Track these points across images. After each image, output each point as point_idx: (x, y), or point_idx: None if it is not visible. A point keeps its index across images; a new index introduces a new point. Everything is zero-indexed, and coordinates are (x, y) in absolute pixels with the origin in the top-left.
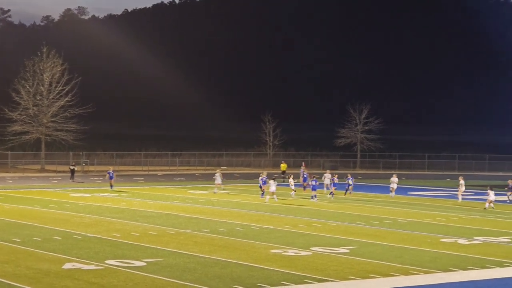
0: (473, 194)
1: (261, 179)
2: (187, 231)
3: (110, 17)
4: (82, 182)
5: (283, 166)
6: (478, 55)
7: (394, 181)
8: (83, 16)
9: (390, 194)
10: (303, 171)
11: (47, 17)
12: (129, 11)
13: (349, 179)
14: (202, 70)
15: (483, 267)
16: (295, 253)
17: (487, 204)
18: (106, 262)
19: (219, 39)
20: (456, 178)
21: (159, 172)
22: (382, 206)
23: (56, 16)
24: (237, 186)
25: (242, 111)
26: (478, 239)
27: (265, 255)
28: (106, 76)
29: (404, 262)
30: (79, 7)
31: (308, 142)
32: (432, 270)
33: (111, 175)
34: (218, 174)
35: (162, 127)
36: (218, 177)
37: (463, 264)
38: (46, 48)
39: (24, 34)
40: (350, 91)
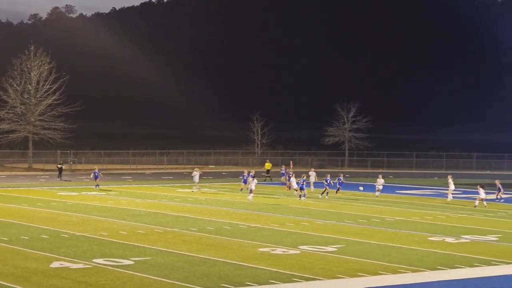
0: (461, 192)
1: (243, 176)
2: (175, 229)
3: (98, 15)
4: (69, 181)
5: (267, 165)
6: (466, 53)
7: (380, 182)
8: (70, 15)
9: (375, 193)
10: (284, 169)
11: (34, 15)
12: (117, 9)
13: (340, 178)
14: (190, 69)
15: (471, 265)
16: (283, 251)
17: (485, 202)
18: (94, 261)
19: (208, 37)
20: (444, 177)
21: (147, 171)
22: (370, 205)
23: (43, 15)
24: (224, 184)
25: (230, 110)
26: (466, 238)
27: (253, 253)
28: (94, 74)
29: (391, 261)
30: (66, 5)
31: (296, 141)
32: (420, 268)
33: (96, 174)
34: (197, 173)
35: (150, 125)
36: (197, 176)
37: (451, 263)
38: (33, 46)
39: (12, 33)
40: (338, 90)
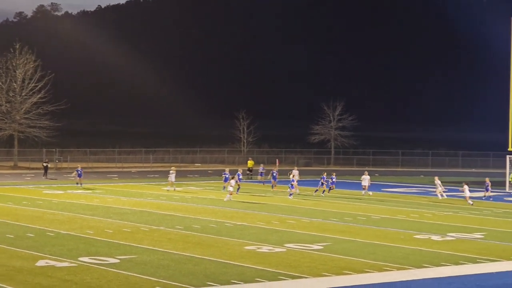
0: (447, 190)
1: (223, 174)
2: (161, 228)
3: (83, 13)
4: (55, 179)
5: (250, 163)
6: (451, 52)
7: (366, 178)
8: (56, 13)
9: (362, 191)
10: (262, 168)
11: (19, 13)
12: (102, 7)
13: (332, 177)
14: (176, 67)
15: (456, 263)
16: (269, 249)
17: (471, 201)
18: (80, 259)
19: (194, 35)
20: (430, 175)
21: (133, 169)
22: (356, 203)
23: (29, 13)
24: (211, 183)
25: (216, 108)
26: (452, 236)
27: (239, 251)
28: (79, 72)
29: (377, 259)
30: (52, 3)
31: (282, 139)
32: (406, 266)
33: (79, 172)
34: (173, 172)
35: (136, 124)
36: (173, 175)
37: (436, 261)
38: (18, 44)
39: None
40: (324, 88)
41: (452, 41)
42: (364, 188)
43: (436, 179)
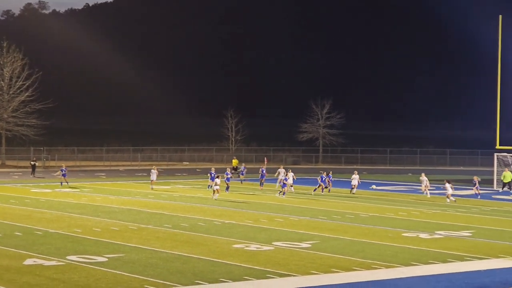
0: (434, 188)
1: (210, 173)
2: (149, 226)
3: (71, 11)
4: (43, 178)
5: (234, 162)
6: (439, 50)
7: (356, 178)
8: (44, 11)
9: (352, 190)
10: (243, 167)
11: (7, 11)
12: (90, 5)
13: (329, 176)
14: (165, 65)
15: (444, 261)
16: (257, 248)
17: (448, 199)
18: (68, 258)
19: (182, 33)
20: (418, 173)
21: (121, 168)
22: (344, 201)
23: (16, 11)
24: (199, 181)
25: (204, 106)
26: (440, 234)
27: (227, 250)
28: (67, 71)
29: (365, 257)
30: (39, 1)
31: (270, 137)
32: (394, 264)
33: (63, 172)
34: (154, 170)
35: (124, 122)
36: (154, 173)
37: (425, 259)
38: (6, 42)
39: None
40: (311, 86)
41: (440, 39)
42: (354, 187)
43: (422, 175)
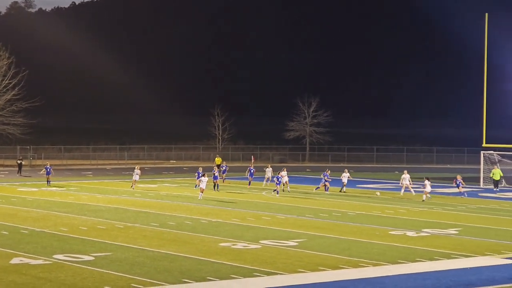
0: (421, 186)
1: (197, 173)
2: (136, 225)
3: (58, 9)
4: (29, 177)
5: (217, 160)
6: (426, 48)
7: (346, 176)
8: (30, 9)
9: (343, 188)
10: (225, 166)
11: None
12: (76, 4)
13: (326, 175)
14: (151, 64)
15: (431, 259)
16: (244, 246)
17: (424, 196)
18: (54, 256)
19: (169, 32)
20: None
21: (107, 166)
22: (331, 199)
23: (2, 9)
24: (186, 180)
25: (191, 105)
26: (426, 231)
27: (214, 248)
28: (54, 69)
29: (352, 255)
30: (26, 0)
31: (257, 136)
32: (381, 262)
33: (48, 170)
34: (137, 170)
35: (110, 121)
36: (137, 174)
37: (412, 257)
38: None
39: None
40: (298, 84)
41: (426, 37)
42: (344, 185)
43: (405, 172)
